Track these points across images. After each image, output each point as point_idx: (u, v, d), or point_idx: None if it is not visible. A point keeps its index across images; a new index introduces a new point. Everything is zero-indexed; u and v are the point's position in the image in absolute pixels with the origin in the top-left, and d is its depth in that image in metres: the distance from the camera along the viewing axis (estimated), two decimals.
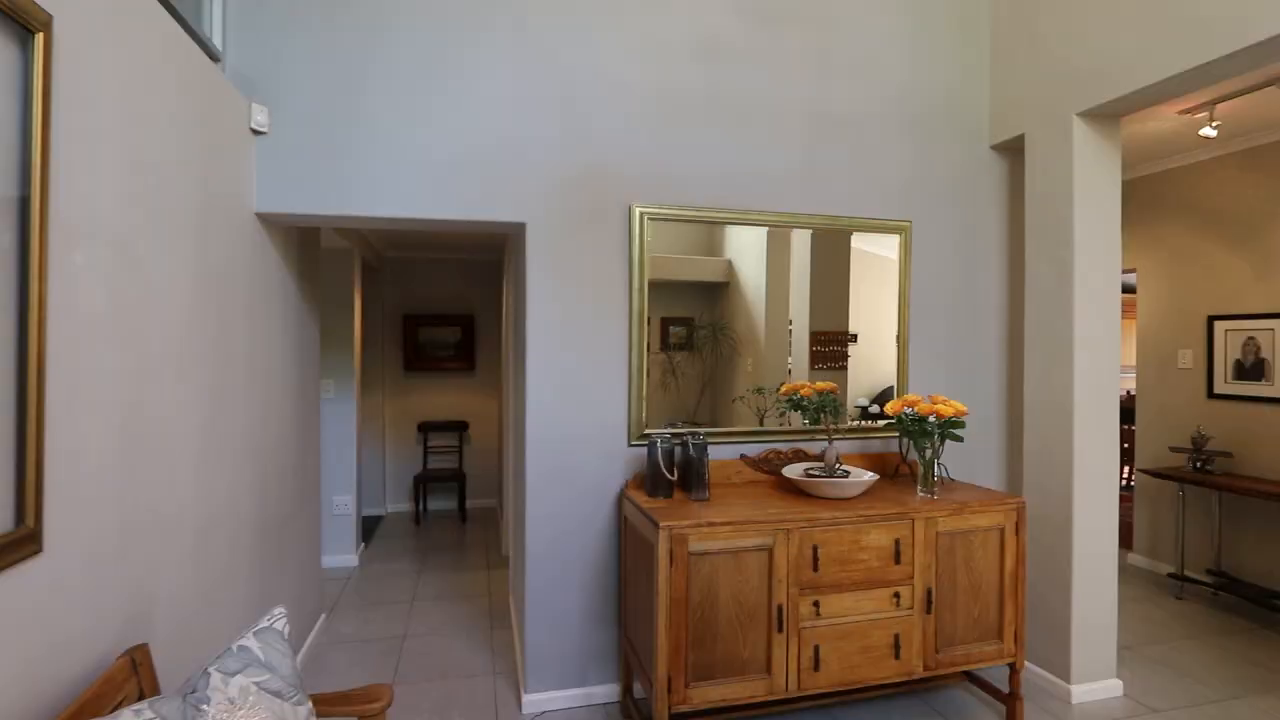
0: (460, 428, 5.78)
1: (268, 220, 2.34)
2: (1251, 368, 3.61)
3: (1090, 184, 2.53)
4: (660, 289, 2.57)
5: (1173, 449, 3.88)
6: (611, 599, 2.52)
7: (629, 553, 2.35)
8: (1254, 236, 3.60)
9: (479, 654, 2.93)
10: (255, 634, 1.19)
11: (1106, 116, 2.53)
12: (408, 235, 4.99)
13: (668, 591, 1.91)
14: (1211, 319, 3.81)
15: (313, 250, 3.09)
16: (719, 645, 1.97)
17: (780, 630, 2.01)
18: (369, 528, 5.13)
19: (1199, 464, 3.67)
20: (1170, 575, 3.75)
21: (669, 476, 2.28)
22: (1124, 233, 3.13)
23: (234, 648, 1.14)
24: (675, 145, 2.57)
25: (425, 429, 5.67)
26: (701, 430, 2.51)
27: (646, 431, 2.51)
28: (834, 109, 2.75)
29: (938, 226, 2.89)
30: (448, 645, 3.02)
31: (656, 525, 1.94)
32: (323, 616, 3.23)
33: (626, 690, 2.46)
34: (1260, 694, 2.59)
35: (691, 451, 2.30)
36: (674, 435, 2.47)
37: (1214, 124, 3.15)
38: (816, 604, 2.05)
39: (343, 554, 4.23)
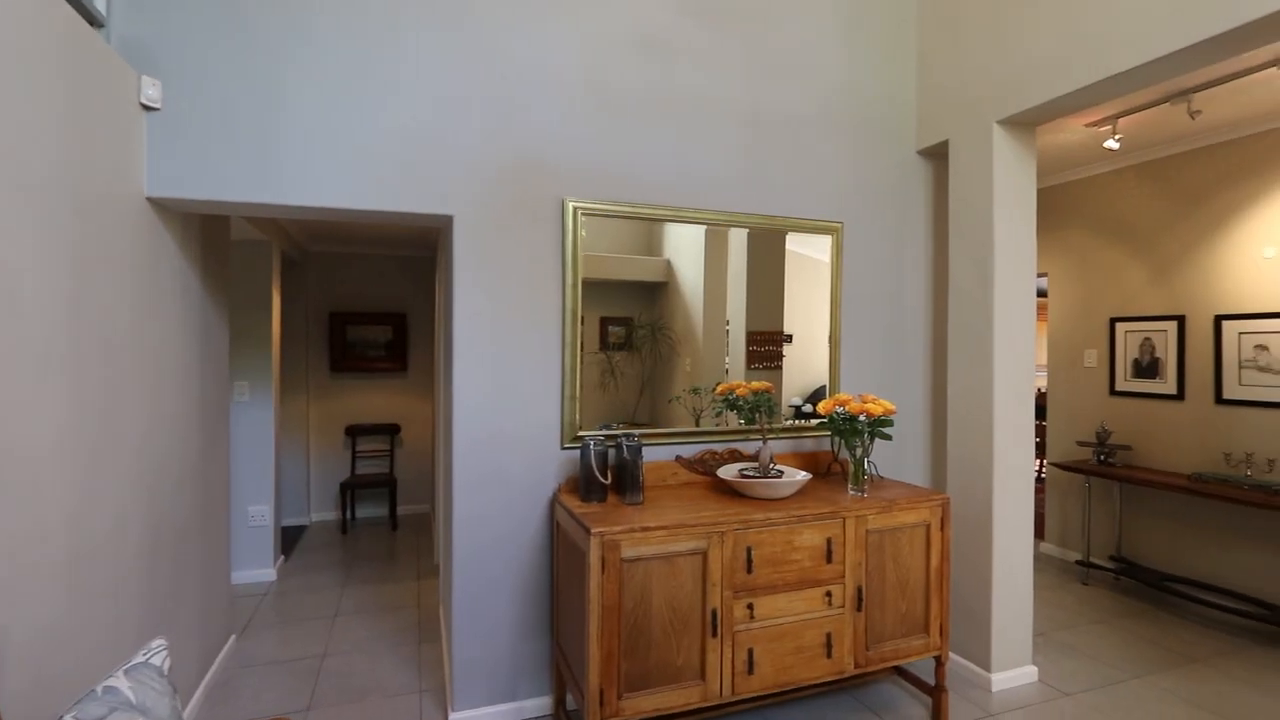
0: (392, 431, 5.53)
1: (162, 206, 2.14)
2: (1148, 366, 3.87)
3: (1009, 190, 2.63)
4: (599, 288, 2.52)
5: (1079, 443, 4.12)
6: (544, 608, 2.43)
7: (561, 560, 2.28)
8: (1150, 244, 3.86)
9: (404, 671, 2.78)
10: (126, 671, 1.05)
11: (1024, 125, 2.64)
12: (334, 228, 4.72)
13: (599, 599, 1.85)
14: (1113, 320, 4.07)
15: (220, 241, 2.86)
16: (653, 653, 1.93)
17: (714, 635, 1.99)
18: (290, 539, 4.83)
19: (1103, 457, 3.91)
20: (1078, 562, 3.98)
21: (602, 480, 2.22)
22: (1037, 239, 3.28)
23: (99, 689, 1.00)
24: (611, 140, 2.52)
25: (354, 433, 5.40)
26: (636, 432, 2.46)
27: (580, 433, 2.44)
28: (770, 110, 2.76)
29: (868, 228, 2.95)
30: (371, 663, 2.85)
31: (588, 531, 1.87)
32: (232, 638, 2.99)
33: (559, 703, 2.39)
34: (1159, 672, 2.77)
35: (625, 454, 2.25)
36: (607, 437, 2.41)
37: (1116, 137, 3.36)
38: (750, 606, 2.04)
39: (258, 568, 3.96)
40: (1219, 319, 3.52)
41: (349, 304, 5.52)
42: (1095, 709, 2.47)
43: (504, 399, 2.37)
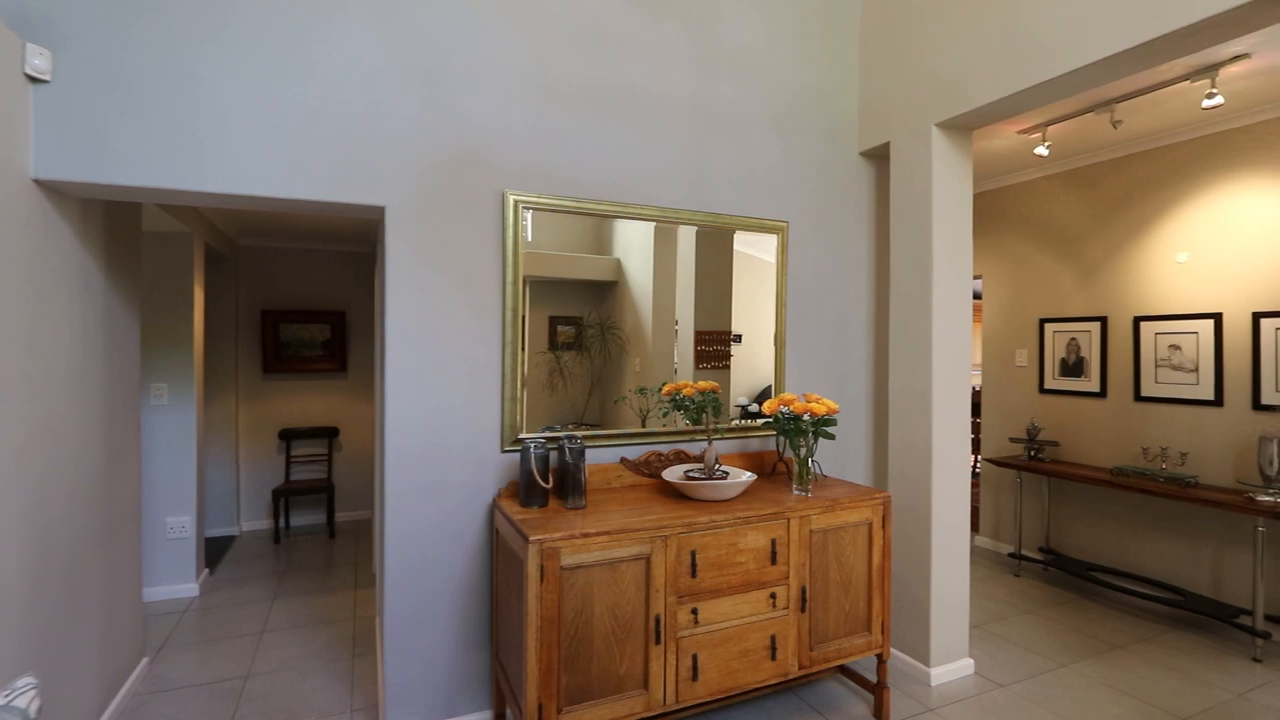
0: (330, 434, 5.29)
1: (53, 189, 1.94)
2: (1074, 365, 4.05)
3: (947, 191, 2.69)
4: (548, 287, 2.46)
5: (1012, 439, 4.28)
6: (483, 619, 2.34)
7: (501, 568, 2.19)
8: (1077, 248, 4.04)
9: (336, 689, 2.63)
10: None
11: (962, 129, 2.70)
12: (265, 221, 4.46)
13: (538, 610, 1.78)
14: (1042, 321, 4.24)
15: (129, 231, 2.64)
16: (594, 664, 1.87)
17: (658, 642, 1.94)
18: (217, 550, 4.54)
19: (1033, 453, 4.07)
20: (1010, 555, 4.13)
21: (543, 484, 2.14)
22: (973, 242, 3.37)
23: None
24: (555, 132, 2.44)
25: (288, 436, 5.13)
26: (579, 434, 2.40)
27: (521, 436, 2.36)
28: (716, 107, 2.74)
29: (812, 228, 2.97)
30: (299, 682, 2.69)
31: (526, 539, 1.80)
32: (144, 661, 2.77)
33: (499, 718, 2.30)
34: (1084, 660, 2.88)
35: (568, 457, 2.18)
36: (549, 440, 2.34)
37: (1046, 144, 3.49)
38: (695, 611, 2.01)
39: (178, 583, 3.70)
40: (1137, 320, 3.70)
41: (283, 301, 5.24)
42: (1027, 699, 2.55)
43: (440, 401, 2.26)
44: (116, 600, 2.49)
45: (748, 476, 2.32)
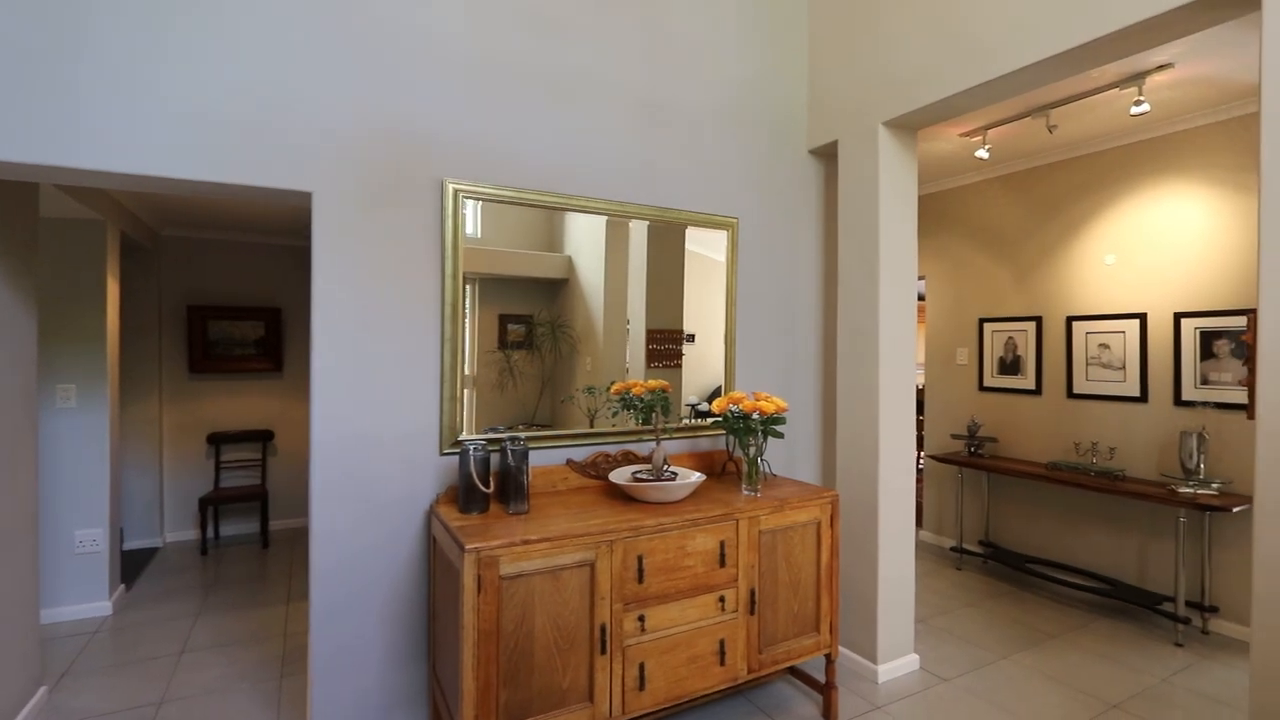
0: (264, 437, 5.00)
1: None
2: (1011, 363, 4.18)
3: (893, 190, 2.71)
4: (498, 284, 2.37)
5: (953, 436, 4.39)
6: (421, 632, 2.21)
7: (438, 578, 2.08)
8: (1014, 250, 4.17)
9: (261, 712, 2.46)
10: None
11: (908, 128, 2.72)
12: (190, 209, 4.16)
13: (474, 623, 1.68)
14: (982, 321, 4.37)
15: (21, 216, 2.40)
16: (535, 677, 1.78)
17: (603, 652, 1.87)
18: (137, 563, 4.23)
19: (973, 449, 4.18)
20: (952, 548, 4.23)
21: (483, 489, 2.04)
22: (918, 243, 3.41)
23: None
24: (498, 120, 2.34)
25: (218, 441, 4.83)
26: (522, 435, 2.31)
27: (461, 438, 2.25)
28: (666, 99, 2.69)
29: (762, 226, 2.96)
30: (221, 707, 2.50)
31: (462, 547, 1.69)
32: (41, 690, 2.52)
33: None
34: (1023, 650, 2.96)
35: (510, 459, 2.09)
36: (490, 442, 2.24)
37: (986, 147, 3.58)
38: (642, 618, 1.94)
39: (87, 601, 3.41)
40: (1070, 320, 3.84)
41: (212, 296, 4.92)
42: (969, 692, 2.59)
43: (372, 402, 2.13)
44: (8, 623, 2.26)
45: (696, 477, 2.28)
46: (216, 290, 4.94)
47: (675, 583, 2.01)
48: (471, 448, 2.06)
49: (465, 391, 2.32)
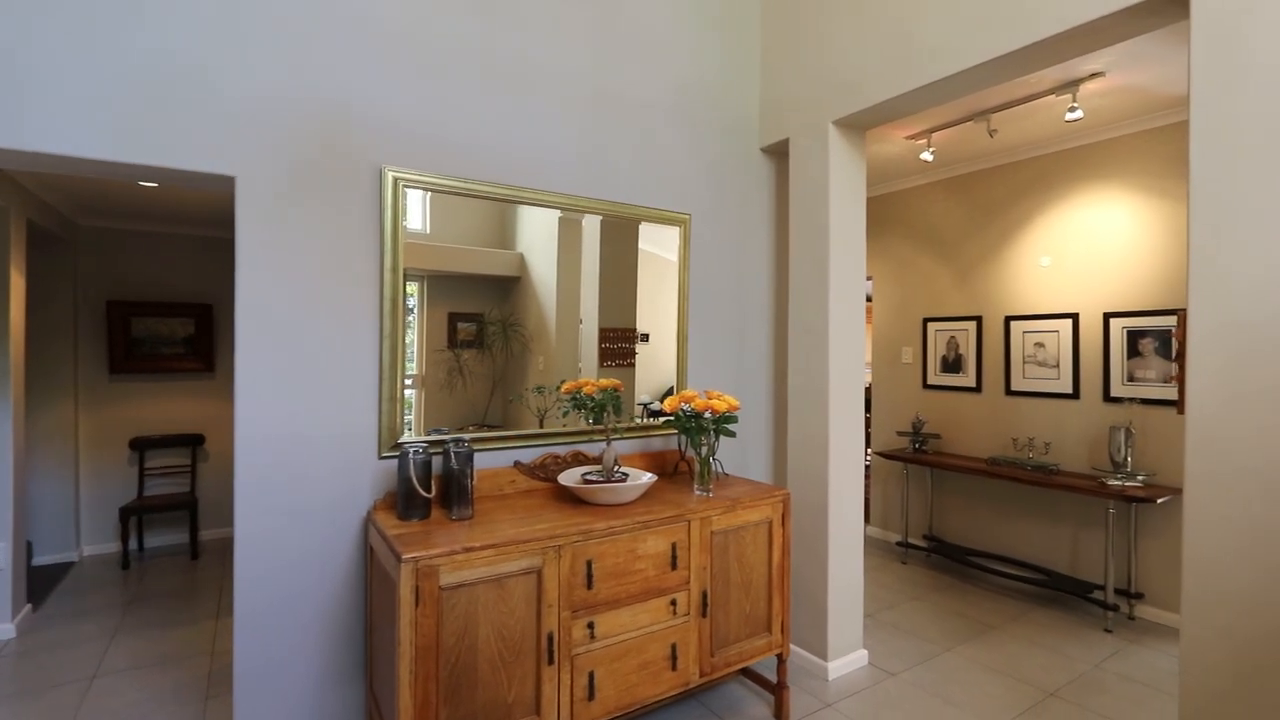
0: (194, 442, 4.70)
1: None
2: (953, 362, 4.30)
3: (843, 190, 2.72)
4: (447, 281, 2.28)
5: (899, 433, 4.49)
6: (358, 648, 2.09)
7: (375, 590, 1.97)
8: (955, 251, 4.29)
9: None
10: None
11: (857, 127, 2.75)
12: (109, 196, 3.84)
13: (412, 638, 1.58)
14: (925, 320, 4.48)
15: None
16: (479, 693, 1.70)
17: (551, 662, 1.80)
18: (48, 580, 3.90)
19: (917, 445, 4.29)
20: (898, 543, 4.33)
21: (424, 494, 1.95)
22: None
23: None
24: (443, 105, 2.23)
25: (141, 446, 4.51)
26: (466, 437, 2.22)
27: (401, 440, 2.15)
28: (618, 91, 2.63)
29: (714, 223, 2.93)
30: None
31: (399, 557, 1.60)
32: None
33: None
34: (966, 642, 3.03)
35: (453, 462, 1.99)
36: (432, 444, 2.14)
37: (930, 150, 3.67)
38: (591, 625, 1.88)
39: None
40: (1008, 319, 3.98)
41: (135, 292, 4.60)
42: (916, 686, 2.63)
43: (304, 401, 1.99)
44: None
45: (648, 478, 2.23)
46: (141, 285, 4.62)
47: (626, 587, 1.96)
48: (412, 450, 1.96)
49: (412, 391, 2.22)
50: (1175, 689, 2.60)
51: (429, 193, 2.22)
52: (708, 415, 2.31)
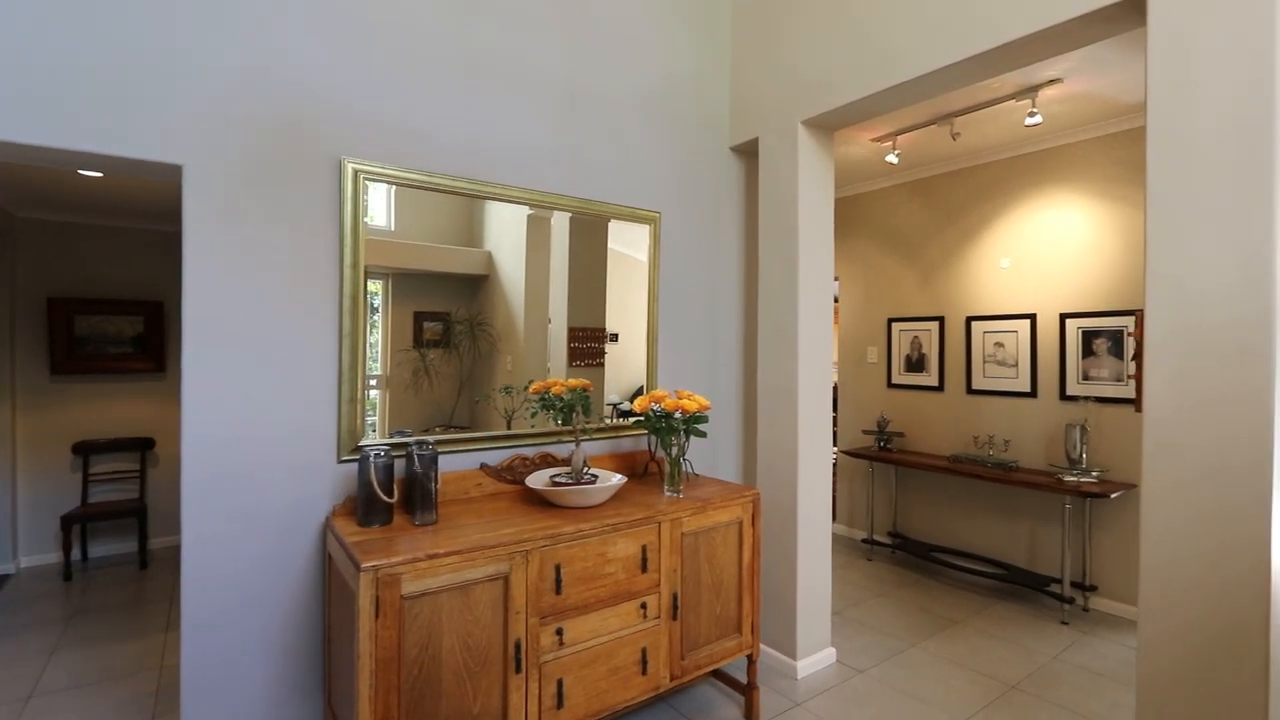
0: (143, 446, 4.48)
1: None
2: (916, 361, 4.38)
3: (812, 190, 2.74)
4: (413, 280, 2.22)
5: (864, 431, 4.55)
6: (316, 661, 2.01)
7: (334, 600, 1.89)
8: (919, 252, 4.37)
9: None
10: None
11: (825, 128, 2.76)
12: (53, 187, 3.60)
13: (372, 651, 1.52)
14: (890, 321, 4.55)
15: None
16: (443, 705, 1.64)
17: (518, 671, 1.75)
18: None
19: (882, 444, 4.35)
20: (863, 540, 4.39)
21: (385, 498, 1.88)
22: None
23: None
24: (406, 95, 2.15)
25: (86, 450, 4.29)
26: (430, 439, 2.16)
27: (362, 443, 2.07)
28: (588, 86, 2.59)
29: (685, 221, 2.92)
30: None
31: (358, 566, 1.54)
32: None
33: None
34: (930, 637, 3.08)
35: (416, 465, 1.93)
36: (394, 446, 2.07)
37: (896, 152, 3.72)
38: (560, 631, 1.84)
39: None
40: (969, 320, 4.06)
41: (79, 288, 4.36)
42: (883, 682, 2.66)
43: (256, 404, 1.90)
44: None
45: (618, 479, 2.20)
46: (86, 281, 4.39)
47: (595, 591, 1.93)
48: (373, 454, 1.89)
49: (376, 392, 2.15)
50: (1130, 678, 2.68)
51: (393, 187, 2.15)
52: (678, 415, 2.29)
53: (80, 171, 2.52)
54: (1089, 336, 3.51)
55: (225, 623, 1.86)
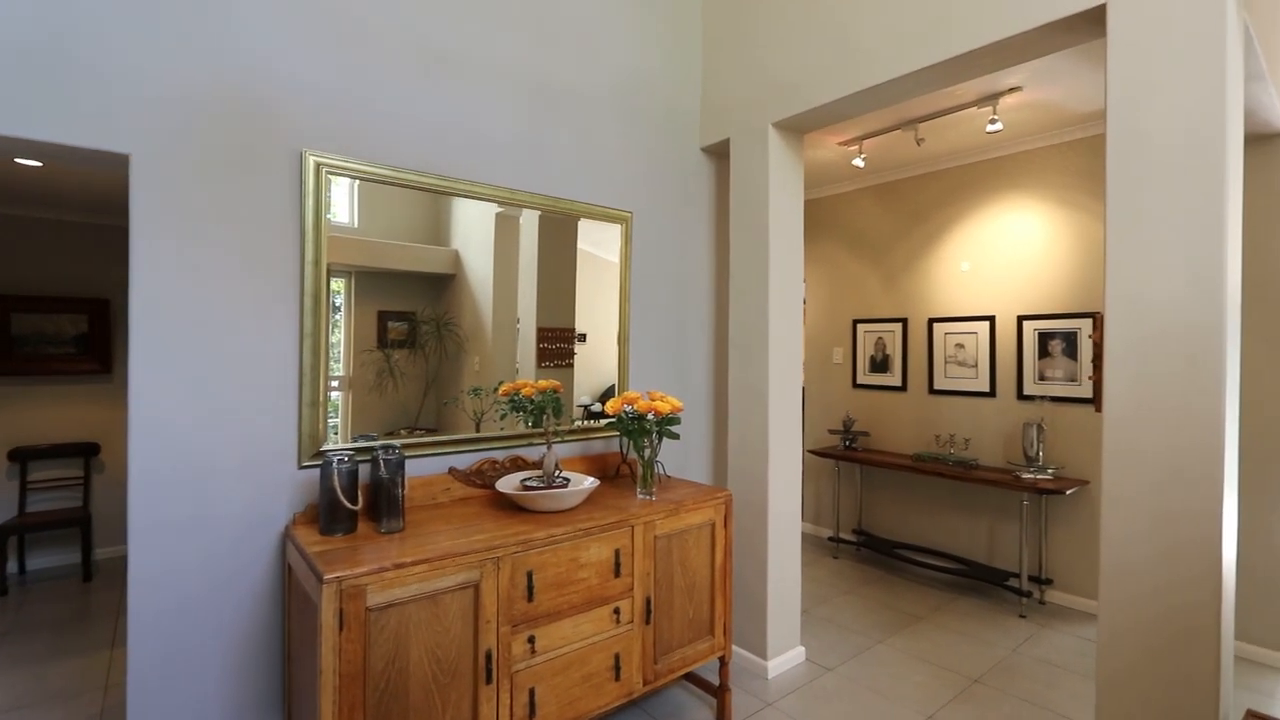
0: (87, 451, 4.26)
1: None
2: (880, 362, 4.46)
3: (783, 192, 2.75)
4: (377, 278, 2.15)
5: (830, 431, 4.61)
6: (276, 679, 1.92)
7: (295, 613, 1.82)
8: (883, 255, 4.45)
9: None
10: None
11: (796, 130, 2.78)
12: None
13: (336, 665, 1.46)
14: (855, 322, 4.62)
15: None
16: (411, 719, 1.60)
17: (489, 681, 1.71)
18: None
19: (848, 443, 4.42)
20: (829, 538, 4.45)
21: (349, 506, 1.81)
22: None
23: None
24: (369, 86, 2.08)
25: (23, 457, 4.05)
26: (397, 443, 2.09)
27: (325, 448, 2.00)
28: (558, 82, 2.54)
29: (656, 222, 2.90)
30: None
31: (320, 577, 1.47)
32: None
33: None
34: (895, 633, 3.14)
35: (383, 470, 1.87)
36: (358, 451, 2.01)
37: (862, 156, 3.78)
38: (532, 639, 1.80)
39: None
40: (931, 321, 4.15)
41: (16, 284, 4.12)
42: (851, 679, 2.69)
43: (209, 407, 1.81)
44: None
45: (590, 483, 2.17)
46: (23, 277, 4.15)
47: (568, 598, 1.90)
48: (336, 459, 1.82)
49: (339, 394, 2.07)
50: (1086, 669, 2.78)
51: (357, 182, 2.08)
52: (651, 417, 2.27)
53: (17, 160, 2.37)
54: (1045, 338, 3.62)
55: (175, 636, 1.76)
